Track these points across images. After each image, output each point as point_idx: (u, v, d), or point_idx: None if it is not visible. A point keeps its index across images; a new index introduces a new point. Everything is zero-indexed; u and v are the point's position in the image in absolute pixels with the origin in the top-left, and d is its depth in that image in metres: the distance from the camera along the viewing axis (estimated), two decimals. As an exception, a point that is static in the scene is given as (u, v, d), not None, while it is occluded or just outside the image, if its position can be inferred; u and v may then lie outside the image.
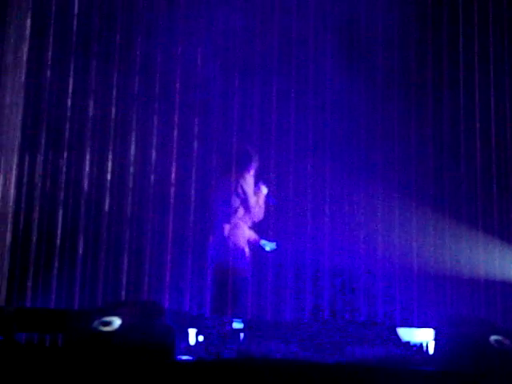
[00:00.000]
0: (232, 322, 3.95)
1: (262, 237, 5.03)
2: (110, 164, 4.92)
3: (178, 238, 4.98)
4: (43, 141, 4.85)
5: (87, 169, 4.91)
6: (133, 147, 4.98)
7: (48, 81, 4.90)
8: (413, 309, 5.03)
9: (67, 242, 4.78)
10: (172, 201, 5.00)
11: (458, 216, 5.12)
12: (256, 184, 5.00)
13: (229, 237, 4.87)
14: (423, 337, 3.95)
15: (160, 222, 4.97)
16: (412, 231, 5.14)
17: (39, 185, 4.78)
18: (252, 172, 4.99)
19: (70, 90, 4.90)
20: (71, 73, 4.96)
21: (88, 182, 4.89)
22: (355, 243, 5.12)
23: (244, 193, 4.91)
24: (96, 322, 3.40)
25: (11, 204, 4.62)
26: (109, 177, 4.91)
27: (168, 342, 3.40)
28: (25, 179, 4.76)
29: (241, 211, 4.92)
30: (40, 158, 4.84)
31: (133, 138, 4.99)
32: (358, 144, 5.21)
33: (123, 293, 4.79)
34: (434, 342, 3.78)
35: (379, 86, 5.21)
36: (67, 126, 4.90)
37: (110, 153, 4.93)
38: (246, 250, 4.93)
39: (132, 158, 4.97)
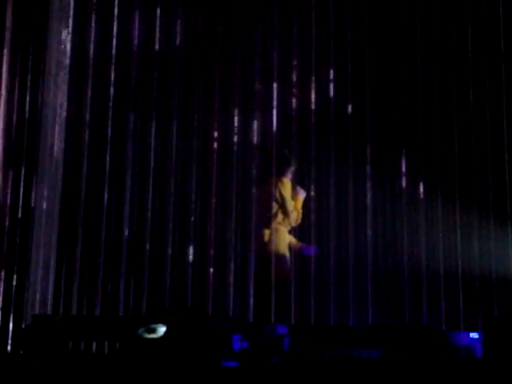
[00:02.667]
0: (276, 326, 3.94)
1: (302, 241, 5.02)
2: (151, 179, 4.93)
3: (219, 243, 4.99)
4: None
5: (128, 193, 4.90)
6: (173, 156, 5.00)
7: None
8: (459, 311, 4.97)
9: (111, 249, 4.81)
10: (213, 207, 5.01)
11: (504, 218, 5.05)
12: (293, 188, 5.00)
13: (269, 242, 4.87)
14: (470, 340, 3.90)
15: (202, 229, 4.98)
16: (456, 233, 5.08)
17: (83, 199, 4.80)
18: (289, 176, 4.99)
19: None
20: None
21: (130, 195, 4.91)
22: (398, 245, 5.08)
23: (282, 197, 4.91)
24: (141, 330, 3.42)
25: (56, 217, 4.66)
26: (151, 189, 4.92)
27: (213, 347, 3.41)
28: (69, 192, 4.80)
29: (280, 216, 4.92)
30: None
31: (173, 149, 5.00)
32: (400, 144, 5.18)
33: (167, 299, 4.81)
34: (481, 345, 3.73)
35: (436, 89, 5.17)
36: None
37: (151, 170, 4.94)
38: (287, 254, 4.92)
39: (173, 168, 4.98)
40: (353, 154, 5.14)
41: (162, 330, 3.41)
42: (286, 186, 4.96)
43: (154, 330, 3.40)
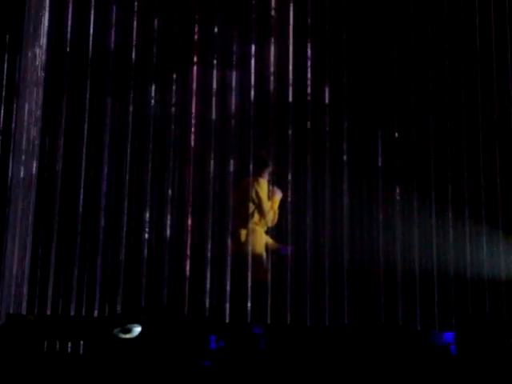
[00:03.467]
0: (252, 326, 3.95)
1: (279, 241, 5.04)
2: (127, 175, 4.92)
3: (195, 243, 4.99)
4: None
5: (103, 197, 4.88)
6: (150, 156, 4.99)
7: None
8: (434, 311, 5.00)
9: (87, 249, 4.79)
10: (190, 206, 5.01)
11: (479, 219, 5.10)
12: (270, 188, 5.02)
13: (246, 242, 4.88)
14: (446, 339, 3.93)
15: (178, 229, 4.98)
16: (431, 233, 5.11)
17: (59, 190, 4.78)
18: (266, 176, 5.01)
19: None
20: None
21: (106, 188, 4.90)
22: (374, 244, 5.11)
23: (258, 198, 4.93)
24: (116, 330, 3.41)
25: (31, 212, 4.63)
26: (127, 190, 4.91)
27: (189, 347, 3.41)
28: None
29: (256, 216, 4.93)
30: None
31: (150, 150, 4.99)
32: (375, 143, 5.20)
33: (143, 299, 4.80)
34: (456, 345, 3.76)
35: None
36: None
37: (127, 173, 4.93)
38: (264, 254, 4.94)
39: (150, 165, 4.98)
40: (329, 153, 5.16)
41: (137, 329, 3.40)
42: (263, 186, 4.98)
43: (129, 330, 3.39)
